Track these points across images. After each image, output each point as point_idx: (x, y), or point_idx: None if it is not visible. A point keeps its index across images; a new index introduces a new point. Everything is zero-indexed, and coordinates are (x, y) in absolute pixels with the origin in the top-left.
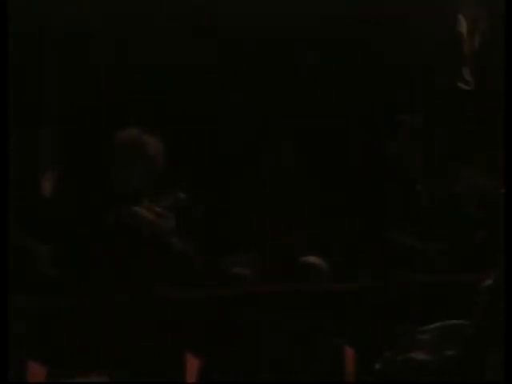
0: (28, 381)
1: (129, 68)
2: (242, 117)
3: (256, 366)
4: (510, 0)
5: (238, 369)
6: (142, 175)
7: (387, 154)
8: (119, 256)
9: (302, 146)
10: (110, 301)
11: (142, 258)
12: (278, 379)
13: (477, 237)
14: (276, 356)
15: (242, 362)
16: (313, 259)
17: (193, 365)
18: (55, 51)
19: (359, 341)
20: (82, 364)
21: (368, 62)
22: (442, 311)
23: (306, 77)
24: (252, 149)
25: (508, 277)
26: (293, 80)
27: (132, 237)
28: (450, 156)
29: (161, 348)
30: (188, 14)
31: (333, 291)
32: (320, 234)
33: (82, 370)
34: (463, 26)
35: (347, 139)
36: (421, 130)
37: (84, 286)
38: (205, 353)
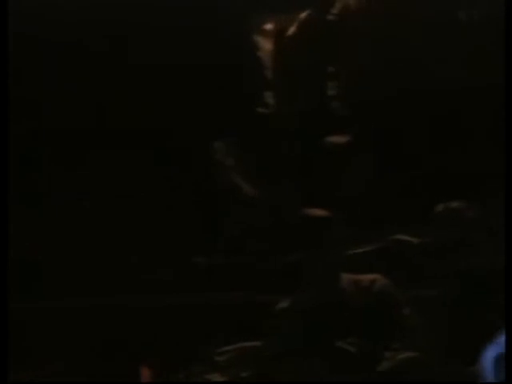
0: None
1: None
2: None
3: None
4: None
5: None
6: None
7: None
8: None
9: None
10: None
11: None
12: None
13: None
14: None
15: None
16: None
17: None
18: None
19: (156, 361)
20: None
21: None
22: (239, 333)
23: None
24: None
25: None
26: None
27: None
28: None
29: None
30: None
31: (139, 308)
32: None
33: None
34: (263, 48)
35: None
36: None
37: None
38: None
